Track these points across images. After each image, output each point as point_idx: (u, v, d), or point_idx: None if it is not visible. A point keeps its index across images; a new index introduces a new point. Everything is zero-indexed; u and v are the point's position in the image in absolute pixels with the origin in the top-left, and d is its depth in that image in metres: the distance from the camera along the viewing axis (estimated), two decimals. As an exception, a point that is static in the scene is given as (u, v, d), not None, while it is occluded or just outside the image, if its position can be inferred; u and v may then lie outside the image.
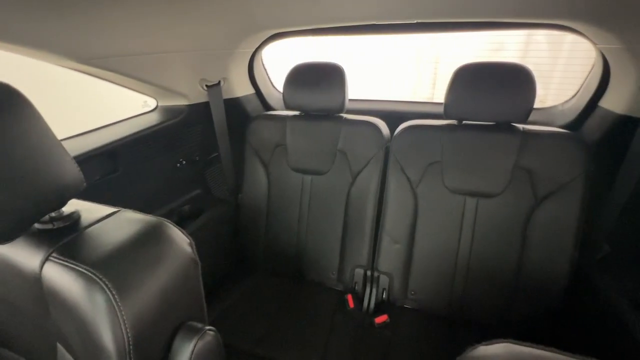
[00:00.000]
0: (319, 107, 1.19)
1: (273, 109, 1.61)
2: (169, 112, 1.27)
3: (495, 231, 1.04)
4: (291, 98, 1.21)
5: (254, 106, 1.55)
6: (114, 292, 0.39)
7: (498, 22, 1.07)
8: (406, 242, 1.14)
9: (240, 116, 1.47)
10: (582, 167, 0.94)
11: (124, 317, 0.39)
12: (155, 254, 0.46)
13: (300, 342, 1.05)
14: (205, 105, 1.31)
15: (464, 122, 1.08)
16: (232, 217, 1.40)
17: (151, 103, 1.33)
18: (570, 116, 1.21)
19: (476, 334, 1.06)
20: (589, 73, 1.17)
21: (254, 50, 1.39)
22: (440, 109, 1.06)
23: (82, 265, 0.40)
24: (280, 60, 1.75)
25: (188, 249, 0.51)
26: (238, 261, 1.41)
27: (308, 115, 1.26)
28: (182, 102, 1.29)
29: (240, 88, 1.46)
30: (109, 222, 0.50)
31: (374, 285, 1.19)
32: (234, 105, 1.43)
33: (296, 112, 1.29)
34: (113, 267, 0.41)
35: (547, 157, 0.97)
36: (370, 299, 1.18)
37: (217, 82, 1.28)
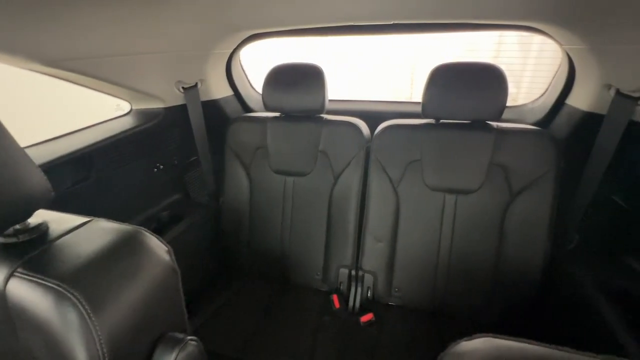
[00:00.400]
0: (299, 108, 1.19)
1: (253, 111, 1.59)
2: (144, 116, 1.23)
3: (474, 226, 1.08)
4: (271, 99, 1.20)
5: (233, 108, 1.53)
6: (86, 307, 0.37)
7: (470, 23, 1.10)
8: (389, 240, 1.16)
9: (219, 118, 1.44)
10: (552, 162, 0.99)
11: (99, 333, 0.37)
12: (130, 264, 0.44)
13: (287, 345, 1.04)
14: (182, 107, 1.28)
15: (441, 120, 1.11)
16: (213, 221, 1.37)
17: (124, 106, 1.28)
18: (540, 113, 1.27)
19: (460, 327, 1.09)
20: (556, 72, 1.23)
21: (231, 51, 1.37)
22: (419, 108, 1.08)
23: (51, 280, 0.38)
24: (256, 60, 1.73)
25: (166, 257, 0.49)
26: (221, 266, 1.39)
27: (288, 116, 1.25)
28: (157, 105, 1.25)
29: (219, 90, 1.43)
30: (81, 233, 0.47)
31: (359, 285, 1.19)
32: (212, 108, 1.40)
33: (276, 114, 1.28)
34: (85, 280, 0.39)
35: (520, 153, 1.01)
36: (355, 299, 1.18)
37: (194, 84, 1.26)
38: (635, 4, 0.70)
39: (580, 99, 1.07)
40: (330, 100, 1.21)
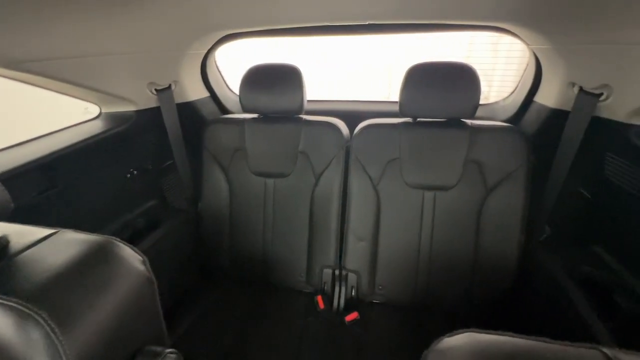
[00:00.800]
0: (277, 108, 1.18)
1: (230, 112, 1.56)
2: (115, 119, 1.18)
3: (452, 221, 1.10)
4: (248, 100, 1.18)
5: (209, 110, 1.49)
6: (52, 326, 0.35)
7: (443, 24, 1.13)
8: (371, 238, 1.17)
9: (196, 121, 1.40)
10: (523, 157, 1.03)
11: (67, 353, 0.35)
12: (101, 276, 0.42)
13: (272, 350, 1.03)
14: (156, 110, 1.24)
15: (418, 119, 1.13)
16: (192, 227, 1.33)
17: (93, 110, 1.22)
18: (511, 111, 1.32)
19: (442, 320, 1.11)
20: (524, 71, 1.28)
21: (206, 51, 1.34)
22: (396, 107, 1.09)
23: (12, 299, 0.35)
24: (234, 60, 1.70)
25: (141, 267, 0.47)
26: (202, 273, 1.35)
27: (267, 117, 1.24)
28: (129, 107, 1.20)
29: (194, 91, 1.39)
30: (45, 246, 0.44)
31: (343, 284, 1.20)
32: (187, 110, 1.37)
33: (254, 115, 1.26)
34: (51, 297, 0.37)
35: (493, 149, 1.05)
36: (339, 298, 1.18)
37: (167, 85, 1.21)
38: (595, 5, 0.73)
39: (547, 97, 1.13)
40: (308, 101, 1.20)
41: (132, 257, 0.47)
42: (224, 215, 1.29)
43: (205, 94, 1.47)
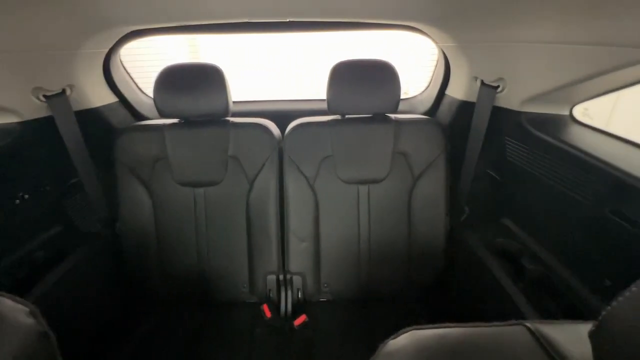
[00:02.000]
0: (201, 112, 1.08)
1: (146, 118, 1.40)
2: None
3: (386, 212, 1.16)
4: (165, 104, 1.06)
5: (120, 117, 1.31)
6: None
7: (360, 22, 1.17)
8: (312, 238, 1.16)
9: (104, 130, 1.22)
10: (441, 146, 1.12)
11: None
12: None
13: None
14: (48, 120, 1.04)
15: (346, 116, 1.15)
16: (110, 252, 1.16)
17: (-44, 124, 0.97)
18: (428, 104, 1.43)
19: (387, 309, 1.16)
20: (435, 67, 1.40)
21: (107, 50, 1.17)
22: (323, 105, 1.10)
23: None
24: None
25: (28, 321, 0.38)
26: (128, 303, 1.19)
27: (189, 122, 1.14)
28: (9, 119, 0.99)
29: (97, 96, 1.21)
30: None
31: (289, 288, 1.17)
32: (91, 118, 1.18)
33: (174, 120, 1.14)
34: None
35: (416, 140, 1.13)
36: (286, 303, 1.16)
37: (59, 90, 1.03)
38: (491, 8, 0.82)
39: (456, 90, 1.25)
40: (233, 102, 1.14)
41: (13, 310, 0.37)
42: (149, 234, 1.16)
43: (112, 99, 1.29)
